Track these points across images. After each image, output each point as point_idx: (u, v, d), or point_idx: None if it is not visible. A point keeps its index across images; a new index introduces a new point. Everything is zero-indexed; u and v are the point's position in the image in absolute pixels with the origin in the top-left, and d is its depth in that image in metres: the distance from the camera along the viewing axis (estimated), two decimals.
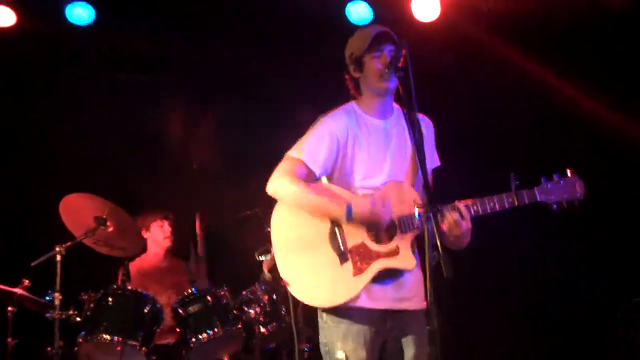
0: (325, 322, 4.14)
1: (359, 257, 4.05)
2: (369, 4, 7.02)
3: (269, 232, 4.20)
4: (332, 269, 4.05)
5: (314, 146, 4.14)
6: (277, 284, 6.08)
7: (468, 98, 7.36)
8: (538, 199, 4.02)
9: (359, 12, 7.03)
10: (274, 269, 5.65)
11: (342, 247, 4.06)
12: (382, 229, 4.07)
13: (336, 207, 4.03)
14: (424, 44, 6.47)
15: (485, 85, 7.36)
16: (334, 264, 4.05)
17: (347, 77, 4.32)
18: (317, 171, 4.13)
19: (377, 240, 4.08)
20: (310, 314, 4.35)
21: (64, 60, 7.44)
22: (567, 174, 4.04)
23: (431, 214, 3.53)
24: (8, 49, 7.13)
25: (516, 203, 4.00)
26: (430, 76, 4.54)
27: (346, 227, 4.07)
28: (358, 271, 4.03)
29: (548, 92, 7.18)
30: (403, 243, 4.06)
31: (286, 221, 4.18)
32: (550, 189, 4.02)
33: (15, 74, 7.42)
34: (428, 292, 3.40)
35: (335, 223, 4.08)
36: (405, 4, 6.85)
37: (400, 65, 3.95)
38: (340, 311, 4.07)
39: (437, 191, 4.02)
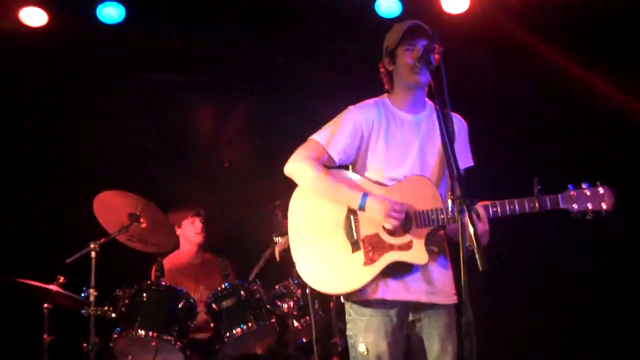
0: (350, 315, 4.21)
1: (371, 247, 4.08)
2: None
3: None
4: (343, 256, 4.10)
5: (335, 133, 4.21)
6: (296, 276, 6.10)
7: (496, 90, 7.33)
8: (561, 205, 3.98)
9: (388, 6, 7.02)
10: (285, 251, 5.71)
11: (355, 236, 4.11)
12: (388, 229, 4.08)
13: (351, 194, 4.07)
14: (453, 36, 6.45)
15: (514, 78, 7.33)
16: (346, 252, 4.10)
17: (382, 70, 4.36)
18: (335, 157, 4.20)
19: (392, 232, 4.09)
20: (343, 307, 4.36)
21: (95, 59, 7.50)
22: (596, 184, 3.99)
23: (465, 206, 3.53)
24: (40, 48, 7.20)
25: (537, 208, 3.98)
26: (459, 68, 4.51)
27: (361, 216, 4.11)
28: (369, 261, 4.06)
29: (580, 86, 7.10)
30: (417, 238, 4.07)
31: (303, 204, 4.23)
32: (575, 196, 3.98)
33: (47, 73, 7.48)
34: (462, 284, 3.40)
35: (351, 211, 4.13)
36: None
37: (432, 59, 3.96)
38: (363, 303, 4.13)
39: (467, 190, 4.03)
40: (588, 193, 3.98)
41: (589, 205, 3.96)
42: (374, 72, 4.44)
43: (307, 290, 6.02)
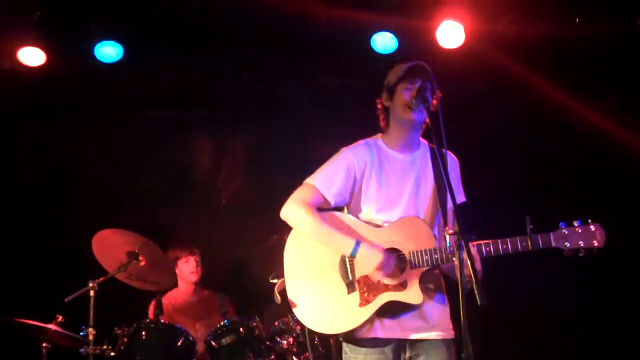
0: (346, 353, 4.21)
1: (366, 288, 4.09)
2: (394, 33, 7.05)
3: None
4: (338, 297, 4.11)
5: (329, 175, 4.23)
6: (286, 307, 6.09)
7: (491, 124, 7.35)
8: (553, 244, 4.00)
9: (384, 42, 7.06)
10: (284, 290, 5.72)
11: (350, 277, 4.12)
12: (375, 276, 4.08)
13: (344, 241, 4.09)
14: (448, 70, 6.49)
15: (509, 112, 7.36)
16: (341, 293, 4.11)
17: (379, 105, 4.38)
18: (331, 199, 4.22)
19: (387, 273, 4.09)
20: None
21: (93, 98, 7.54)
22: (587, 222, 4.01)
23: (463, 242, 3.53)
24: (38, 88, 7.23)
25: (530, 247, 3.99)
26: (455, 103, 4.55)
27: (356, 258, 4.11)
28: (364, 302, 4.07)
29: (575, 120, 7.13)
30: (412, 278, 4.07)
31: (298, 246, 4.26)
32: (567, 235, 4.00)
33: (45, 112, 7.52)
34: (462, 320, 3.40)
35: None
36: (429, 32, 6.86)
37: (429, 97, 4.00)
38: (358, 342, 4.13)
39: (478, 215, 4.07)
40: (580, 231, 4.00)
41: (581, 243, 3.98)
42: (371, 107, 4.46)
43: (306, 328, 6.03)
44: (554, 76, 7.07)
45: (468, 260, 3.47)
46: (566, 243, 3.99)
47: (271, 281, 5.62)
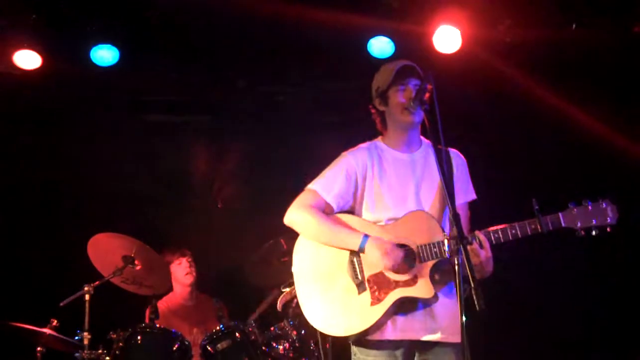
0: (355, 354, 4.20)
1: (377, 286, 4.08)
2: (391, 38, 7.04)
3: (287, 261, 4.27)
4: (349, 298, 4.10)
5: (329, 179, 4.25)
6: (291, 317, 6.10)
7: (488, 128, 7.36)
8: (562, 224, 3.95)
9: (380, 47, 7.05)
10: (288, 304, 5.74)
11: (360, 277, 4.12)
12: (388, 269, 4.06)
13: (351, 237, 4.10)
14: (445, 75, 6.49)
15: (507, 116, 7.36)
16: (352, 294, 4.11)
17: (373, 110, 4.39)
18: (333, 203, 4.22)
19: (396, 269, 4.06)
20: (339, 348, 4.34)
21: (89, 102, 7.52)
22: (598, 199, 3.95)
23: (461, 246, 3.52)
24: (34, 91, 7.21)
25: (539, 229, 3.94)
26: (452, 107, 4.54)
27: (364, 257, 4.11)
28: (376, 300, 4.06)
29: (572, 123, 7.13)
30: (422, 272, 4.05)
31: (306, 251, 4.26)
32: (577, 214, 3.94)
33: (41, 116, 7.50)
34: (461, 326, 3.39)
35: (353, 253, 4.14)
36: (426, 37, 6.86)
37: (425, 99, 3.99)
38: (368, 343, 4.11)
39: (473, 223, 4.09)
40: (590, 209, 3.94)
41: (594, 221, 3.92)
42: (368, 111, 4.45)
43: (304, 332, 6.04)
44: (551, 81, 7.06)
45: (466, 264, 3.46)
46: (577, 222, 3.93)
47: (282, 290, 5.65)
